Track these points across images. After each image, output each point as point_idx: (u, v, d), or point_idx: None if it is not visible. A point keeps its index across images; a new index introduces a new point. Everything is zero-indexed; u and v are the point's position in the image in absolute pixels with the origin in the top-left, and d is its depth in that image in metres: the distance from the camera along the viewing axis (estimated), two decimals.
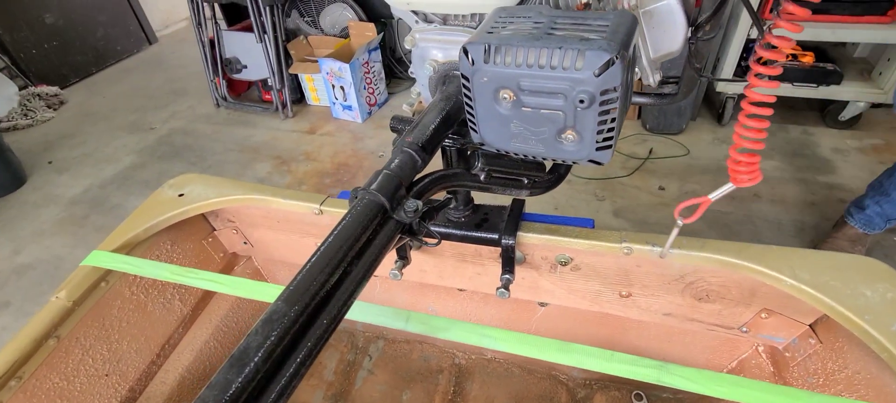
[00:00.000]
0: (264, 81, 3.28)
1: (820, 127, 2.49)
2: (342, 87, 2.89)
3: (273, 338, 0.43)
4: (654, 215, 2.07)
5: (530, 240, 0.80)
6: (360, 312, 0.72)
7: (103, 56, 4.33)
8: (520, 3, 0.62)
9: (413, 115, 0.85)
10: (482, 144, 0.59)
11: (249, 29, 3.00)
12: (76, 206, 2.62)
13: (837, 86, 2.27)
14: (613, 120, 0.47)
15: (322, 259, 0.50)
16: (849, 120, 2.41)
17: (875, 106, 2.35)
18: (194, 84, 3.88)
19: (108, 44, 4.35)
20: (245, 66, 3.28)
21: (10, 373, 0.74)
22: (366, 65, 2.90)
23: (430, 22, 0.72)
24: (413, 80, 3.28)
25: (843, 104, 2.37)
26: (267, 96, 3.37)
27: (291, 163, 2.74)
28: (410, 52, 0.74)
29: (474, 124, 0.56)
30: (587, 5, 0.60)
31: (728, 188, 0.56)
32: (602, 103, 0.46)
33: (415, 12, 0.72)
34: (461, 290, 1.04)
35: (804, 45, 2.40)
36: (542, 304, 0.97)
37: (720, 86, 2.46)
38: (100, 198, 2.66)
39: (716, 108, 2.65)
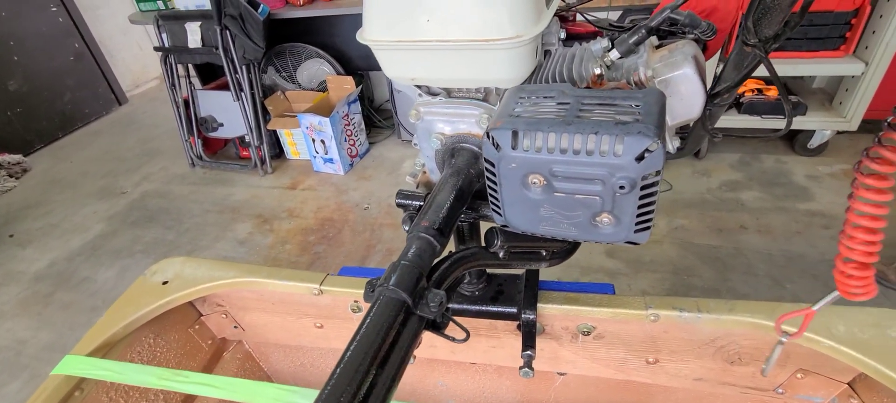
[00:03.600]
0: (241, 138, 3.22)
1: (791, 155, 2.59)
2: (323, 141, 2.86)
3: None
4: (648, 254, 2.07)
5: (550, 311, 0.75)
6: None
7: (70, 120, 4.19)
8: (529, 81, 0.61)
9: (417, 187, 0.81)
10: (505, 226, 0.55)
11: (225, 87, 2.96)
12: (40, 283, 2.44)
13: (803, 117, 2.38)
14: (654, 202, 0.45)
15: (345, 374, 0.45)
16: (817, 147, 2.52)
17: (839, 133, 2.47)
18: (168, 143, 3.78)
19: (76, 107, 4.22)
20: (221, 124, 3.22)
21: None
22: (346, 117, 2.89)
23: (435, 94, 0.70)
24: (392, 128, 3.26)
25: (810, 133, 2.49)
26: (245, 153, 3.31)
27: (273, 222, 2.65)
28: (415, 124, 0.71)
29: (499, 208, 0.53)
30: (600, 76, 0.59)
31: (833, 296, 0.53)
32: (643, 187, 0.43)
33: (418, 86, 0.70)
34: (473, 363, 0.98)
35: (767, 80, 2.53)
36: (561, 373, 0.92)
37: None
38: (66, 273, 2.49)
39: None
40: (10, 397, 1.83)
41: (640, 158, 0.41)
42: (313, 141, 2.87)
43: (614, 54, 0.60)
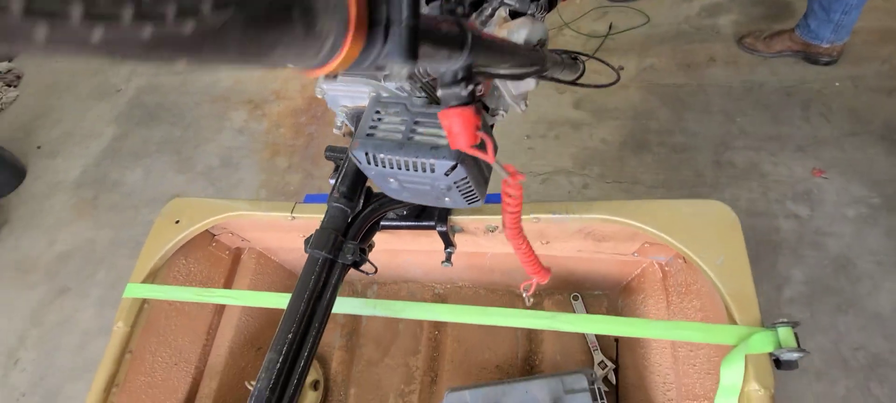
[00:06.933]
0: None
1: None
2: None
3: (271, 380, 0.67)
4: (613, 100, 2.16)
5: (461, 220, 0.99)
6: (340, 307, 0.96)
7: None
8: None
9: (343, 135, 0.97)
10: None
11: None
12: (82, 189, 2.80)
13: None
14: (472, 191, 0.63)
15: (289, 316, 0.72)
16: None
17: None
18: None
19: None
20: None
21: (111, 383, 1.03)
22: None
23: None
24: None
25: None
26: None
27: (264, 106, 2.79)
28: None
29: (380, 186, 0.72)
30: None
31: (535, 283, 0.72)
32: (458, 189, 0.61)
33: None
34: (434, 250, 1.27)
35: None
36: (487, 252, 1.20)
37: None
38: (99, 177, 2.82)
39: None
40: (101, 282, 2.35)
41: (448, 173, 0.58)
42: None
43: None
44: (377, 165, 0.62)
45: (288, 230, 1.18)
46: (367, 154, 0.61)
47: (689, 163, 1.88)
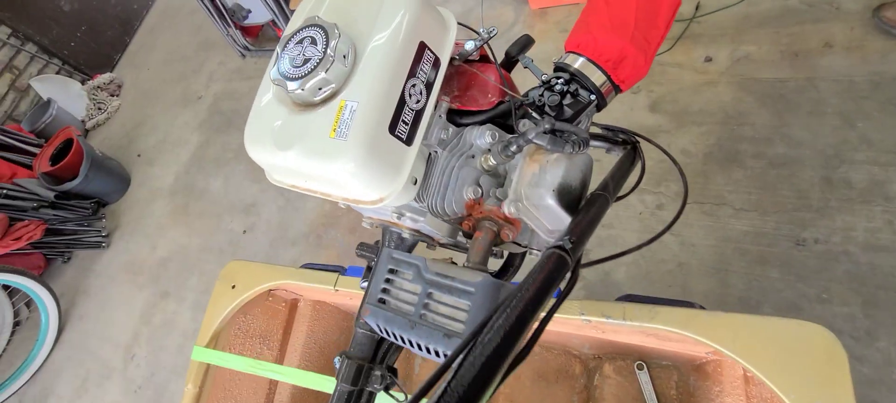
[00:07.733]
0: (274, 20, 3.19)
1: None
2: None
3: None
4: (697, 101, 1.86)
5: None
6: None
7: (128, 21, 4.43)
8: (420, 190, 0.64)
9: (372, 226, 0.93)
10: None
11: None
12: (176, 196, 3.10)
13: None
14: None
15: None
16: None
17: None
18: (216, 32, 3.86)
19: (125, 7, 4.40)
20: (249, 11, 3.19)
21: None
22: None
23: None
24: None
25: None
26: (281, 33, 3.31)
27: None
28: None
29: None
30: (476, 203, 0.60)
31: None
32: None
33: None
34: None
35: None
36: None
37: None
38: (188, 186, 3.10)
39: None
40: (194, 287, 2.62)
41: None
42: None
43: (491, 161, 0.59)
44: (388, 336, 0.57)
45: (334, 296, 1.19)
46: (378, 325, 0.56)
47: (791, 180, 1.58)
